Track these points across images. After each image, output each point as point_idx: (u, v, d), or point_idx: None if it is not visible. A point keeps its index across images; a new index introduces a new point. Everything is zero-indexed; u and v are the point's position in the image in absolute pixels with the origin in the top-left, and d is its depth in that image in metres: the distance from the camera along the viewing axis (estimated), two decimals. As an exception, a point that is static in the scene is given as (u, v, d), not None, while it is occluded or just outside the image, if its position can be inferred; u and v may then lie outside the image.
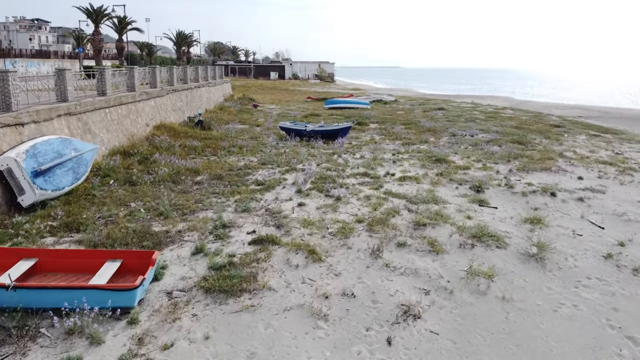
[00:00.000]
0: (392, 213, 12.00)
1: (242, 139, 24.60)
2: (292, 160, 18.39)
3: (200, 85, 35.01)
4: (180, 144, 21.00)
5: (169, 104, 27.27)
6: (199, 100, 33.89)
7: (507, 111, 38.99)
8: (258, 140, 24.44)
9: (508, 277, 9.25)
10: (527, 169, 17.80)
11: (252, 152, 20.90)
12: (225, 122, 31.07)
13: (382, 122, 31.98)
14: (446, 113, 36.86)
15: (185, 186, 14.89)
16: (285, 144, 23.48)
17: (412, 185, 15.12)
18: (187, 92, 31.29)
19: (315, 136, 24.29)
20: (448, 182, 15.68)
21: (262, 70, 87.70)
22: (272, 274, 8.68)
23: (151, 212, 12.26)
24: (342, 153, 20.69)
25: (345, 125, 24.68)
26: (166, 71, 28.94)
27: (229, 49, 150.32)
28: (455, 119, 33.21)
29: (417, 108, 40.39)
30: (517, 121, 32.43)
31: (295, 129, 25.16)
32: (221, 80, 43.68)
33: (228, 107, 37.01)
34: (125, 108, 21.33)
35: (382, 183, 15.27)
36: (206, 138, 23.73)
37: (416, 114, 35.99)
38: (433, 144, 23.77)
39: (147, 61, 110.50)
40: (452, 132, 27.17)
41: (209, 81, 38.12)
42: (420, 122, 31.48)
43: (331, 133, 24.58)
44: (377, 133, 27.27)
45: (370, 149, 21.85)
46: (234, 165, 18.16)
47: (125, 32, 58.58)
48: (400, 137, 25.53)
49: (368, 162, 18.41)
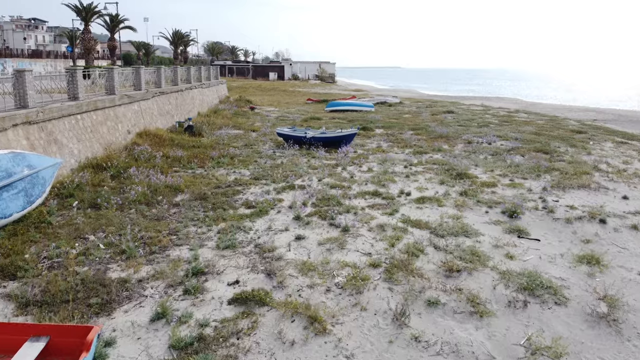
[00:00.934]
0: (414, 251, 9.51)
1: (235, 147, 22.14)
2: (290, 176, 15.91)
3: (193, 86, 32.56)
4: (163, 155, 18.51)
5: (155, 108, 24.80)
6: (190, 103, 31.43)
7: (521, 114, 36.51)
8: (253, 149, 21.98)
9: (580, 353, 6.78)
10: (563, 186, 15.31)
11: (245, 164, 18.44)
12: (219, 126, 28.62)
13: (389, 126, 29.51)
14: (456, 117, 34.38)
15: (160, 210, 12.41)
16: (282, 152, 21.02)
17: (433, 209, 12.63)
18: (177, 94, 28.82)
19: (316, 144, 21.85)
20: (475, 204, 13.19)
21: (260, 70, 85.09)
22: (258, 358, 6.19)
23: (112, 249, 9.79)
24: (346, 164, 18.21)
25: (350, 132, 22.20)
26: (153, 72, 26.47)
27: (227, 49, 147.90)
28: (467, 124, 30.73)
29: (425, 111, 37.92)
30: (534, 126, 29.95)
31: (294, 135, 22.70)
32: (216, 81, 41.22)
33: (222, 110, 34.55)
34: (102, 113, 18.86)
35: (397, 206, 12.78)
36: (195, 146, 21.26)
37: (424, 118, 33.51)
38: (447, 152, 21.29)
39: (144, 61, 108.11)
40: (466, 138, 24.69)
41: (203, 82, 35.65)
42: (430, 126, 29.01)
43: (334, 141, 22.12)
44: (384, 139, 24.80)
45: (378, 160, 19.37)
46: (222, 180, 15.68)
47: (117, 31, 56.11)
48: (411, 145, 23.05)
49: (377, 177, 15.92)
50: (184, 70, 32.67)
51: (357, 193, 14.06)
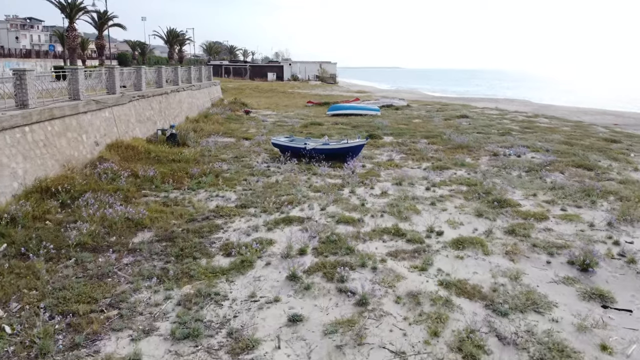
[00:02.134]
0: (473, 351, 6.26)
1: (223, 160, 18.95)
2: (286, 204, 12.68)
3: (180, 88, 29.33)
4: (132, 173, 15.27)
5: (132, 114, 21.58)
6: (177, 107, 28.21)
7: (542, 120, 33.28)
8: (243, 162, 18.78)
9: None
10: (631, 219, 12.09)
11: (232, 183, 15.22)
12: (208, 134, 25.41)
13: (399, 134, 26.29)
14: (472, 122, 31.15)
15: (107, 261, 9.18)
16: (278, 167, 17.83)
17: (479, 259, 9.41)
18: (161, 97, 25.60)
19: (318, 156, 18.67)
20: (530, 250, 9.97)
21: (258, 70, 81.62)
22: None
23: (20, 337, 6.59)
24: (355, 185, 14.96)
25: (357, 144, 18.96)
26: (132, 72, 23.25)
27: (226, 49, 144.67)
28: (486, 131, 27.51)
29: (436, 115, 34.68)
30: (561, 134, 26.72)
31: (291, 147, 19.51)
32: (208, 82, 38.00)
33: (214, 115, 31.33)
34: (61, 123, 15.65)
35: (430, 255, 9.53)
36: (175, 160, 18.03)
37: (437, 124, 30.26)
38: (473, 168, 18.07)
39: (139, 61, 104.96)
40: (491, 149, 21.46)
41: (193, 84, 32.43)
42: (446, 134, 25.78)
43: (338, 153, 18.92)
44: (395, 150, 21.57)
45: (392, 178, 16.15)
46: (199, 209, 12.46)
47: (106, 29, 52.88)
48: (427, 158, 19.84)
49: (396, 204, 12.69)
50: (171, 71, 29.45)
51: (373, 231, 10.82)
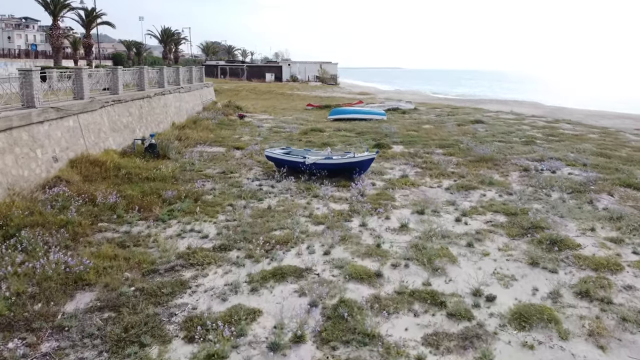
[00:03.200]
0: None
1: (208, 177, 16.09)
2: (278, 248, 9.75)
3: (166, 91, 26.44)
4: (89, 199, 12.34)
5: (105, 122, 18.69)
6: (162, 112, 25.32)
7: (564, 126, 30.35)
8: (231, 179, 15.89)
9: None
10: None
11: (213, 210, 12.32)
12: (194, 142, 22.53)
13: (409, 142, 23.39)
14: (489, 128, 28.23)
15: (13, 356, 6.28)
16: (272, 186, 14.97)
17: (555, 348, 6.48)
18: (142, 101, 22.71)
19: (319, 172, 15.80)
20: (620, 327, 7.06)
21: (256, 71, 78.41)
22: None
23: None
24: (366, 213, 12.03)
25: (365, 158, 16.03)
26: (105, 74, 20.36)
27: (224, 49, 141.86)
28: (506, 139, 24.61)
29: (447, 120, 31.76)
30: (591, 143, 23.81)
31: (288, 161, 16.64)
32: (200, 84, 35.09)
33: (204, 120, 28.43)
34: (6, 138, 12.76)
35: (486, 344, 6.57)
36: (149, 178, 15.13)
37: (451, 130, 27.34)
38: (503, 187, 15.18)
39: (135, 61, 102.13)
40: (519, 163, 18.55)
41: (181, 86, 29.52)
42: (463, 142, 22.90)
43: (343, 169, 16.04)
44: (408, 163, 18.68)
45: (410, 202, 13.26)
46: (165, 252, 9.53)
47: (94, 27, 49.98)
48: (447, 173, 16.94)
49: (422, 246, 9.76)
50: (155, 72, 26.56)
51: (397, 294, 7.88)
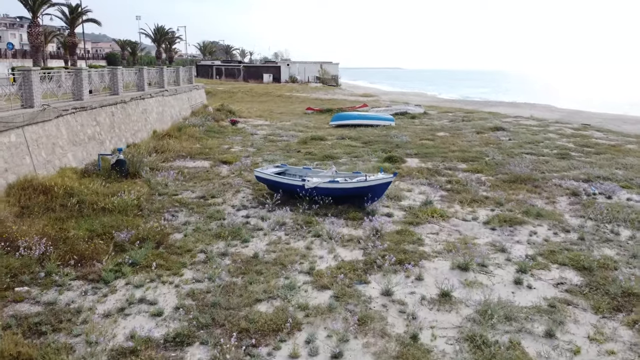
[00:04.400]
0: None
1: (182, 205, 12.87)
2: (262, 344, 6.47)
3: (146, 95, 23.18)
4: (11, 247, 9.07)
5: (63, 134, 15.44)
6: (140, 119, 22.06)
7: (595, 134, 27.05)
8: (211, 209, 12.67)
9: None
10: None
11: (178, 263, 9.09)
12: (176, 155, 19.34)
13: (426, 154, 20.16)
14: (513, 136, 24.95)
15: None
16: (261, 218, 11.77)
17: None
18: (114, 107, 19.45)
19: (322, 197, 12.59)
20: None
21: (253, 71, 74.76)
22: None
23: None
24: (388, 270, 8.71)
25: (380, 181, 12.71)
26: (68, 76, 17.09)
27: (222, 48, 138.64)
28: (537, 150, 21.37)
29: (464, 126, 28.48)
30: (636, 156, 20.57)
31: (284, 184, 13.41)
32: (189, 85, 31.81)
33: (190, 127, 25.17)
34: None
35: None
36: (105, 209, 11.89)
37: (471, 139, 24.05)
38: (555, 220, 11.96)
39: (130, 61, 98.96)
40: (564, 185, 15.32)
41: (165, 88, 26.25)
42: (488, 155, 19.69)
43: (352, 195, 12.79)
44: (430, 183, 15.45)
45: (445, 247, 10.03)
46: (94, 347, 6.28)
47: (78, 24, 46.67)
48: (480, 199, 13.71)
49: (480, 341, 6.46)
50: (134, 73, 23.30)
51: None
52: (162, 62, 79.11)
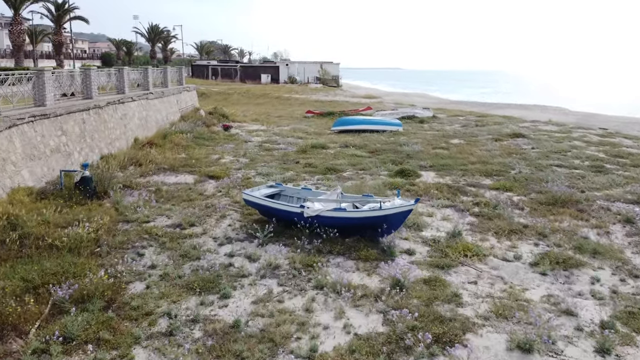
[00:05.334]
0: None
1: (151, 237, 10.41)
2: None
3: (126, 98, 20.70)
4: None
5: (17, 148, 12.97)
6: (118, 127, 19.58)
7: (625, 141, 24.56)
8: (187, 243, 10.19)
9: None
10: None
11: (128, 339, 6.60)
12: (155, 168, 16.88)
13: (442, 167, 17.70)
14: (535, 144, 22.46)
15: None
16: (249, 257, 9.30)
17: None
18: (85, 114, 16.98)
19: (326, 229, 10.14)
20: None
21: (251, 72, 72.10)
22: None
23: None
24: (422, 356, 6.23)
25: (398, 210, 10.17)
26: (25, 78, 14.60)
27: (219, 48, 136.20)
28: (567, 162, 18.92)
29: (479, 133, 25.97)
30: (680, 166, 18.13)
31: (278, 209, 10.96)
32: (178, 87, 29.32)
33: (177, 133, 22.70)
34: None
35: None
36: (53, 247, 9.41)
37: (490, 148, 21.54)
38: (619, 262, 9.50)
39: (125, 61, 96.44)
40: (611, 207, 12.85)
41: (150, 91, 23.77)
42: (514, 167, 17.27)
43: (364, 225, 10.32)
44: (450, 204, 13.00)
45: (487, 301, 7.58)
46: None
47: (65, 22, 44.14)
48: (517, 228, 11.25)
49: None
50: (113, 74, 20.81)
51: None
52: (157, 62, 76.65)
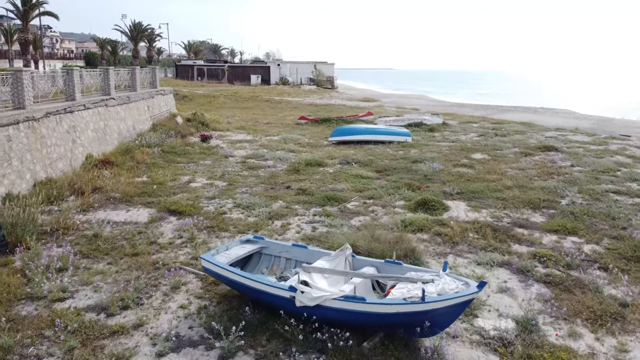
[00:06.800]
0: None
1: (55, 337, 6.46)
2: None
3: (77, 106, 16.71)
4: None
5: None
6: (64, 142, 15.58)
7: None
8: (107, 351, 6.24)
9: None
10: None
11: None
12: (104, 198, 12.97)
13: (473, 194, 13.93)
14: (573, 159, 18.67)
15: None
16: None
17: None
18: (14, 129, 12.98)
19: (333, 329, 6.27)
20: None
21: (239, 72, 67.81)
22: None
23: None
24: None
25: (448, 301, 6.15)
26: None
27: (209, 48, 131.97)
28: (619, 183, 15.21)
29: (501, 144, 22.10)
30: None
31: (255, 289, 7.03)
32: (150, 91, 25.29)
33: (142, 148, 18.75)
34: None
35: None
36: None
37: (522, 165, 17.73)
38: None
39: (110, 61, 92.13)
40: None
41: (110, 96, 19.76)
42: (564, 195, 13.53)
43: (396, 324, 6.39)
44: (503, 261, 9.18)
45: None
46: None
47: (33, 18, 39.94)
48: (614, 310, 7.44)
49: None
50: (60, 77, 16.80)
51: None
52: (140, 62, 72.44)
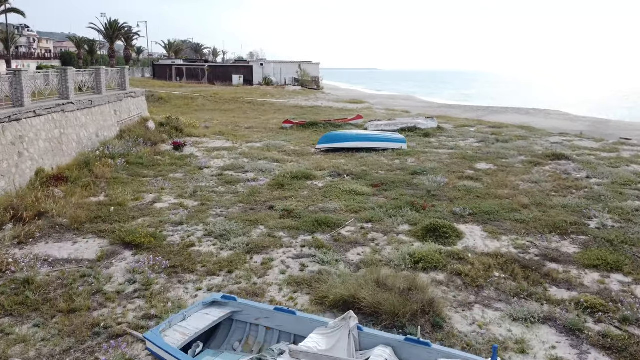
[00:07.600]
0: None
1: None
2: None
3: (25, 112, 14.31)
4: None
5: None
6: (8, 156, 13.18)
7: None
8: None
9: None
10: None
11: None
12: (49, 225, 10.72)
13: (487, 215, 11.98)
14: (588, 170, 16.87)
15: None
16: None
17: None
18: None
19: None
20: None
21: (220, 72, 65.11)
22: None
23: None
24: None
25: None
26: None
27: (191, 47, 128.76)
28: (654, 200, 13.40)
29: (505, 151, 20.21)
30: None
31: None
32: (118, 93, 22.83)
33: (104, 160, 16.39)
34: None
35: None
36: None
37: (535, 178, 15.83)
38: None
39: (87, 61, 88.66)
40: None
41: (69, 100, 17.35)
42: (591, 215, 11.65)
43: None
44: (545, 315, 7.19)
45: None
46: None
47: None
48: None
49: None
50: (6, 80, 14.37)
51: None
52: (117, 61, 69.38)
